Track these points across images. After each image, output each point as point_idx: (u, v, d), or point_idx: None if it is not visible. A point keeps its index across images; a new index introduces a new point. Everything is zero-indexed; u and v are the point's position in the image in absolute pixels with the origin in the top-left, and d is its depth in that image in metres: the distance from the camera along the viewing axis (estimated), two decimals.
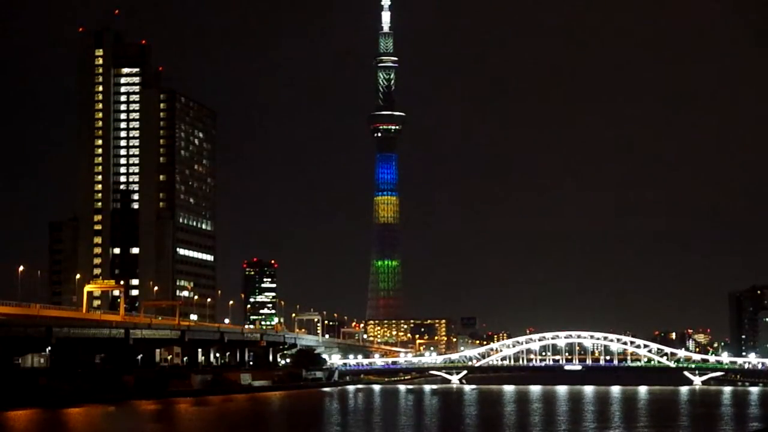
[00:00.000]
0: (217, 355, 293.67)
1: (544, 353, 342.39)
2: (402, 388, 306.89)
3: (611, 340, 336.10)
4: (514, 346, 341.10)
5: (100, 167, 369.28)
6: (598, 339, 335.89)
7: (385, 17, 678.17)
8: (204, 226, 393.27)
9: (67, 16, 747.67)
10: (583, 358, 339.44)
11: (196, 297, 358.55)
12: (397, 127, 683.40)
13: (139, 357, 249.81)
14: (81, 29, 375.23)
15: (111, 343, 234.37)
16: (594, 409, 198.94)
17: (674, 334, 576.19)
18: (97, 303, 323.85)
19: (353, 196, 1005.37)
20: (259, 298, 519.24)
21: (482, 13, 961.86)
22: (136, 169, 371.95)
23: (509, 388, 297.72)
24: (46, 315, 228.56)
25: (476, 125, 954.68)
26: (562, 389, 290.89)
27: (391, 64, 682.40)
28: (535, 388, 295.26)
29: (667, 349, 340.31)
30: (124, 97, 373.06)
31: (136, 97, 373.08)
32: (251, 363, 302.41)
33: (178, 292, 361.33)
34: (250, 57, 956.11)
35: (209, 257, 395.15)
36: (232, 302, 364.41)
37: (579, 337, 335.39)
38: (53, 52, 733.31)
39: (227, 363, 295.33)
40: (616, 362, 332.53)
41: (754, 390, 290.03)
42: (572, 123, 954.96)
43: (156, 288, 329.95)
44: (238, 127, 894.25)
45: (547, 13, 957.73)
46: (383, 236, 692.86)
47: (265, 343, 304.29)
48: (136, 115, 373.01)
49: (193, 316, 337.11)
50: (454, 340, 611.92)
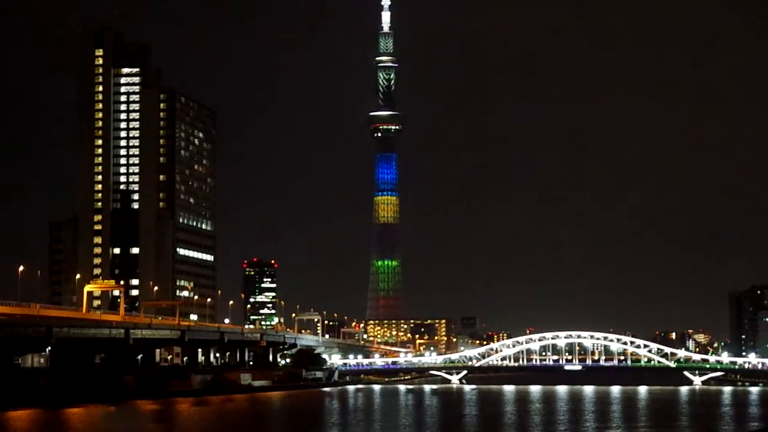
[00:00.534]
0: (217, 355, 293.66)
1: (544, 353, 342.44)
2: (402, 388, 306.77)
3: (611, 340, 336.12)
4: (514, 346, 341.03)
5: (100, 167, 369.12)
6: (598, 339, 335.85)
7: (385, 17, 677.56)
8: (204, 226, 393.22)
9: (67, 16, 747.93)
10: (583, 358, 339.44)
11: (196, 297, 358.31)
12: (397, 127, 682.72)
13: (139, 357, 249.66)
14: (81, 29, 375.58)
15: (111, 343, 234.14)
16: (594, 409, 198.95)
17: (674, 334, 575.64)
18: (97, 303, 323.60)
19: (353, 196, 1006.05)
20: (259, 298, 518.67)
21: (482, 13, 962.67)
22: (136, 169, 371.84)
23: (509, 388, 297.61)
24: (46, 315, 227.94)
25: (476, 125, 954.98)
26: (562, 389, 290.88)
27: (391, 64, 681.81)
28: (535, 388, 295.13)
29: (667, 349, 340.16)
30: (124, 97, 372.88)
31: (136, 97, 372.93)
32: (251, 363, 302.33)
33: (178, 292, 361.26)
34: (250, 57, 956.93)
35: (209, 257, 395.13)
36: (232, 302, 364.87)
37: (579, 337, 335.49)
38: (53, 52, 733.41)
39: (227, 363, 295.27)
40: (616, 362, 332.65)
41: (754, 390, 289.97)
42: (572, 123, 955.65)
43: (156, 288, 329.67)
44: (238, 127, 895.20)
45: (548, 13, 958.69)
46: (383, 236, 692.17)
47: (265, 343, 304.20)
48: (136, 115, 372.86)
49: (193, 316, 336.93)
50: (454, 340, 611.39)
